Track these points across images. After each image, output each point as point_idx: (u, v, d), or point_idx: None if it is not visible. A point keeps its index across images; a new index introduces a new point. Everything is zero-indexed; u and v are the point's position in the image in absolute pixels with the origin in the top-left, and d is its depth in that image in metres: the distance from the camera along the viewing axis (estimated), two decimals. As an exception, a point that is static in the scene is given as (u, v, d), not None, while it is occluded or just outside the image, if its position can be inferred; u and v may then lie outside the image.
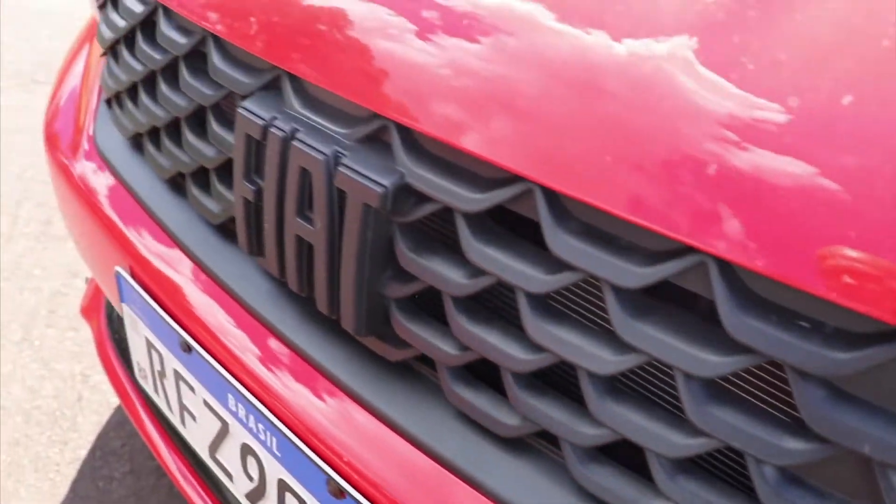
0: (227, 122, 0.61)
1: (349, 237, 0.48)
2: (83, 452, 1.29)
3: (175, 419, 0.72)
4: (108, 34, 0.77)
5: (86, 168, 0.80)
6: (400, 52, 0.46)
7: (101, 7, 0.79)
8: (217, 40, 0.59)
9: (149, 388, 0.76)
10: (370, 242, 0.47)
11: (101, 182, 0.78)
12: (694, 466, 0.41)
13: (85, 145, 0.84)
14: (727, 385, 0.41)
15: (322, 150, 0.48)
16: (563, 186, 0.40)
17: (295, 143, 0.49)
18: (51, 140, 0.89)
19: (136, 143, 0.78)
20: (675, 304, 0.42)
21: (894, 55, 0.34)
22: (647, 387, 0.44)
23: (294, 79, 0.52)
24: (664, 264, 0.38)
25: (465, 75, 0.43)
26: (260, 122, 0.51)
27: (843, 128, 0.33)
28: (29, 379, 1.41)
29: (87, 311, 1.14)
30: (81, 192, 0.80)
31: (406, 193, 0.45)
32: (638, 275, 0.39)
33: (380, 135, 0.47)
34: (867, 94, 0.33)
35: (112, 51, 0.78)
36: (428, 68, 0.45)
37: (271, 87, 0.54)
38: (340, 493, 0.52)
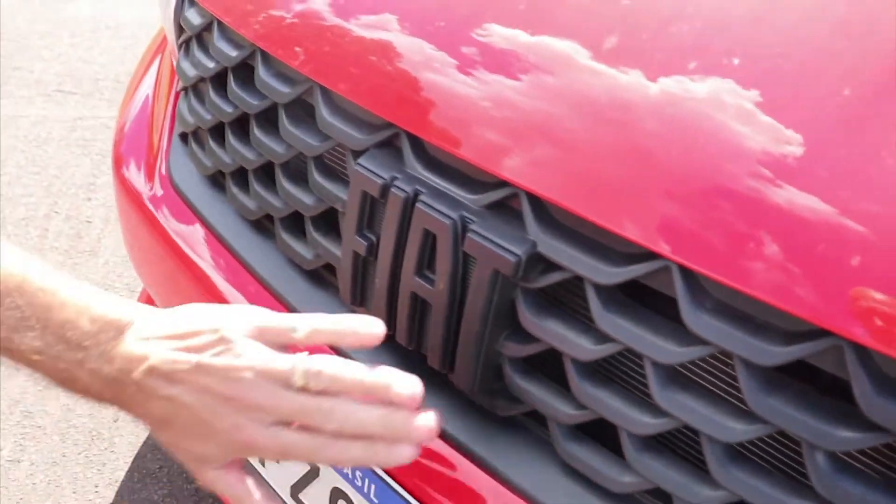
0: (329, 172, 0.63)
1: (474, 299, 0.50)
2: (121, 474, 1.30)
3: (255, 461, 0.74)
4: (193, 72, 0.79)
5: (161, 200, 0.82)
6: (528, 119, 0.49)
7: (185, 44, 0.81)
8: (325, 91, 0.61)
9: None
10: (494, 305, 0.49)
11: (177, 215, 0.80)
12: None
13: (159, 175, 0.86)
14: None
15: (449, 215, 0.50)
16: (702, 267, 0.42)
17: (419, 205, 0.51)
18: (119, 163, 0.90)
19: (216, 181, 0.80)
20: (801, 377, 0.44)
21: None
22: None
23: (413, 138, 0.54)
24: (799, 346, 0.40)
25: (602, 150, 0.45)
26: (379, 181, 0.53)
27: None
28: (63, 397, 1.42)
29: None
30: (156, 225, 0.82)
31: (536, 261, 0.48)
32: (773, 353, 0.41)
33: (508, 202, 0.49)
34: None
35: (194, 88, 0.80)
36: (559, 138, 0.47)
37: (387, 145, 0.56)
38: (447, 544, 0.54)
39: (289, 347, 0.47)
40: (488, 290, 0.49)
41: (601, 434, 0.50)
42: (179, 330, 0.47)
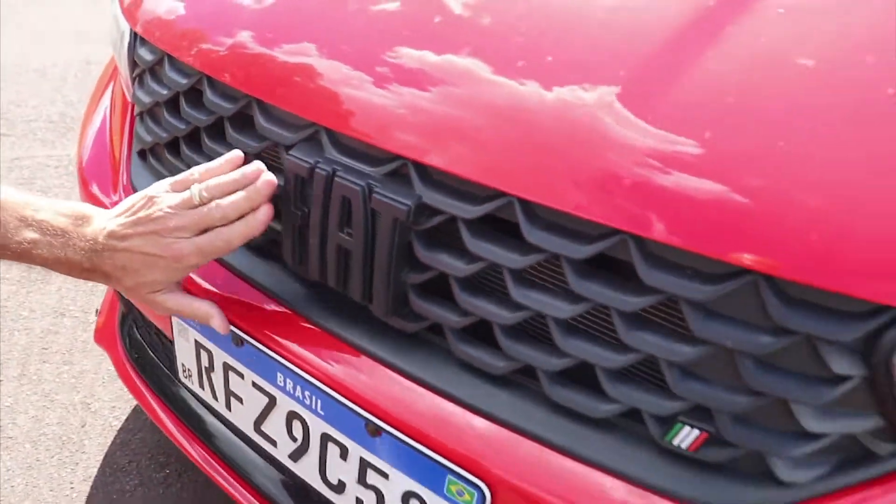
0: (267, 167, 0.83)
1: (381, 243, 0.70)
2: (94, 471, 1.45)
3: (220, 406, 0.92)
4: (148, 98, 0.98)
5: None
6: (412, 110, 0.70)
7: (139, 77, 1.00)
8: (261, 104, 0.81)
9: (193, 385, 0.96)
10: (396, 245, 0.70)
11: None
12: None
13: (122, 188, 1.04)
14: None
15: (359, 183, 0.70)
16: (538, 198, 0.63)
17: (336, 178, 0.72)
18: (85, 181, 1.08)
19: (173, 185, 0.98)
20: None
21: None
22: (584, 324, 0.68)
23: (329, 132, 0.75)
24: (601, 242, 0.62)
25: (458, 127, 0.67)
26: (307, 164, 0.73)
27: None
28: (32, 410, 1.56)
29: (101, 339, 1.32)
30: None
31: (422, 209, 0.68)
32: (582, 251, 0.62)
33: (400, 170, 0.70)
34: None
35: (149, 112, 0.99)
36: (437, 121, 0.68)
37: (310, 139, 0.77)
38: (377, 431, 0.74)
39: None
40: (391, 234, 0.69)
41: (484, 335, 0.71)
42: (123, 207, 0.75)
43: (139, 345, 1.20)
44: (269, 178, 0.75)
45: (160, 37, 0.94)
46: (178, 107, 0.92)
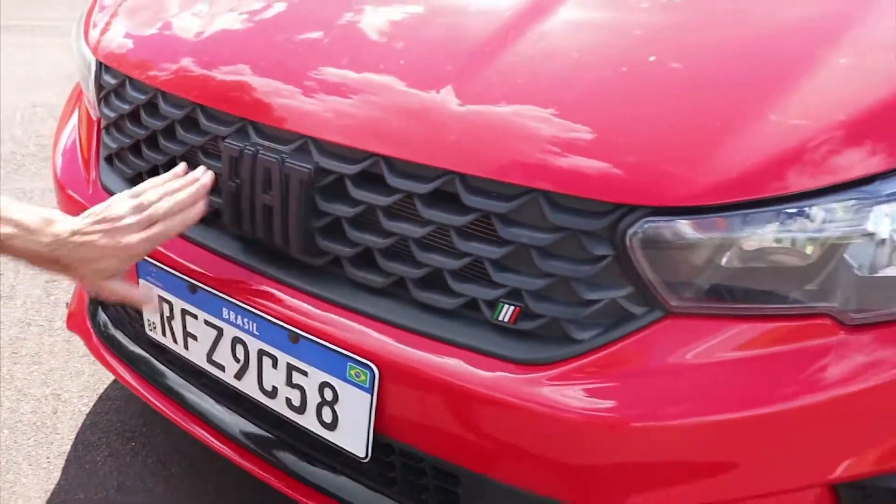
0: (210, 156, 1.13)
1: (293, 199, 1.00)
2: (67, 447, 1.70)
3: (179, 347, 1.20)
4: (114, 114, 1.27)
5: (98, 195, 1.28)
6: (306, 102, 1.00)
7: (105, 97, 1.29)
8: (203, 108, 1.11)
9: (157, 335, 1.23)
10: (304, 199, 1.00)
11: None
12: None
13: (92, 187, 1.32)
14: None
15: (275, 157, 1.00)
16: (396, 155, 0.94)
17: (260, 155, 1.02)
18: (63, 186, 1.36)
19: (134, 181, 1.27)
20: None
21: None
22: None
23: (254, 123, 1.05)
24: (437, 181, 0.93)
25: (339, 110, 0.98)
26: (239, 147, 1.04)
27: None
28: (7, 403, 1.80)
29: (74, 325, 1.58)
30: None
31: (320, 170, 0.99)
32: (425, 188, 0.93)
33: (305, 146, 1.01)
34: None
35: (115, 124, 1.28)
36: (323, 108, 0.99)
37: (239, 131, 1.07)
38: (297, 339, 1.03)
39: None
40: (299, 191, 1.00)
41: (369, 261, 1.01)
42: (87, 212, 1.00)
43: (106, 322, 1.47)
44: (205, 181, 1.06)
45: (122, 64, 1.24)
46: (139, 117, 1.22)
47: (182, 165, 1.08)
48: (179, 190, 1.04)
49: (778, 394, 0.88)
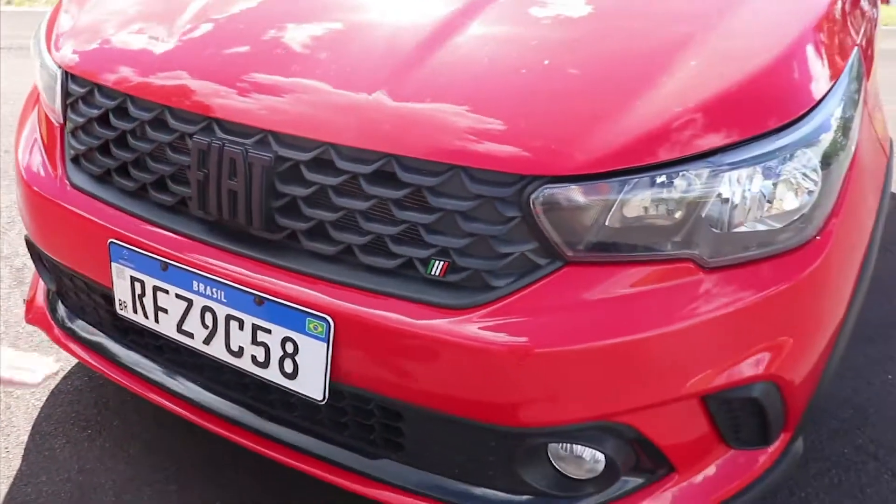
0: (176, 151, 1.33)
1: (255, 183, 1.22)
2: (24, 438, 1.84)
3: (150, 322, 1.39)
4: (82, 118, 1.45)
5: (70, 196, 1.46)
6: (262, 103, 1.23)
7: (72, 104, 1.47)
8: (171, 109, 1.32)
9: (127, 312, 1.42)
10: (265, 183, 1.22)
11: (83, 201, 1.45)
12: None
13: (60, 182, 1.50)
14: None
15: (238, 149, 1.22)
16: (343, 142, 1.17)
17: (226, 148, 1.23)
18: (28, 184, 1.53)
19: (103, 178, 1.46)
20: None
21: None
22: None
23: (218, 120, 1.26)
24: (378, 163, 1.16)
25: (299, 109, 1.20)
26: (205, 140, 1.25)
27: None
28: (-38, 402, 1.92)
29: (34, 319, 1.74)
30: (69, 210, 1.45)
31: (278, 158, 1.21)
32: (368, 169, 1.17)
33: (265, 139, 1.23)
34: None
35: (82, 127, 1.47)
36: (276, 106, 1.22)
37: (205, 128, 1.28)
38: (261, 301, 1.24)
39: None
40: (261, 176, 1.21)
41: (322, 233, 1.23)
42: None
43: (65, 313, 1.64)
44: None
45: (89, 74, 1.43)
46: (108, 121, 1.41)
47: None
48: None
49: (652, 322, 1.15)
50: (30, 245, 1.69)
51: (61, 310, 1.71)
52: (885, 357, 2.55)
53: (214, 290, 1.29)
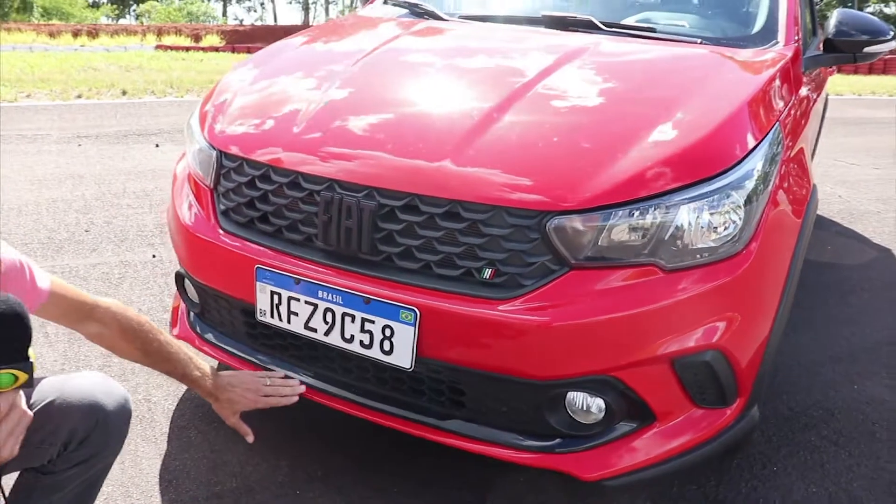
0: (307, 203, 2.10)
1: (365, 222, 1.98)
2: (166, 429, 2.56)
3: (283, 323, 2.13)
4: (230, 184, 2.23)
5: (224, 237, 2.23)
6: (371, 167, 2.00)
7: (224, 174, 2.25)
8: (304, 175, 2.09)
9: (265, 318, 2.16)
10: (370, 222, 1.98)
11: (232, 242, 2.21)
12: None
13: (214, 229, 2.26)
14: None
15: (354, 200, 1.99)
16: (430, 193, 1.93)
17: (344, 199, 2.00)
18: (190, 230, 2.30)
19: (246, 224, 2.22)
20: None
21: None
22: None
23: (338, 181, 2.03)
24: (452, 204, 1.92)
25: (394, 173, 1.97)
26: (329, 196, 2.02)
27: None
28: (112, 405, 2.66)
29: (181, 336, 2.50)
30: (224, 246, 2.21)
31: (381, 206, 1.97)
32: (441, 210, 1.93)
33: (370, 194, 1.99)
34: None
35: (232, 190, 2.24)
36: (379, 171, 1.99)
37: (329, 188, 2.05)
38: (369, 301, 1.98)
39: None
40: (368, 218, 1.97)
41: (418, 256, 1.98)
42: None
43: (207, 326, 2.40)
44: (300, 389, 2.22)
45: (239, 152, 2.21)
46: (254, 184, 2.18)
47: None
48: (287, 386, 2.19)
49: (629, 305, 1.88)
50: (178, 278, 2.46)
51: (201, 325, 2.46)
52: (853, 372, 3.24)
53: (334, 295, 2.03)
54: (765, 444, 2.65)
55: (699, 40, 2.77)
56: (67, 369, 2.85)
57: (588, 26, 2.82)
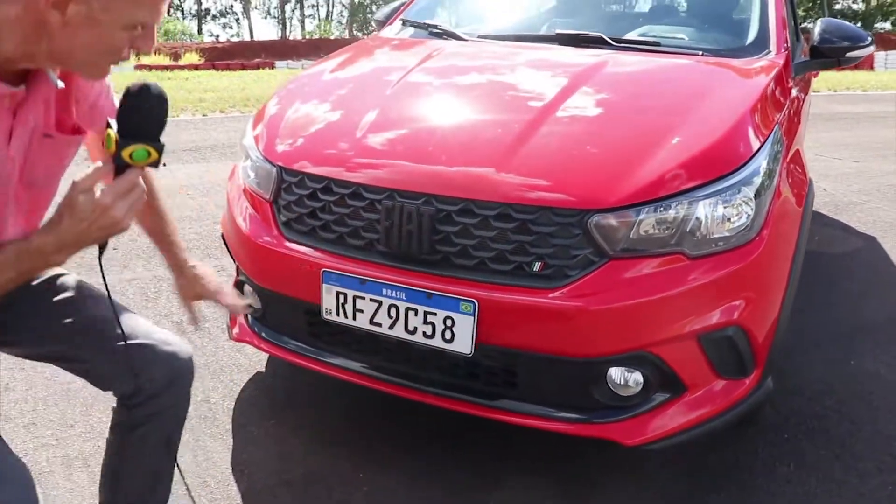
0: (369, 210, 2.44)
1: (424, 226, 2.32)
2: (229, 426, 2.88)
3: (349, 320, 2.47)
4: (291, 197, 2.56)
5: (283, 243, 2.56)
6: (423, 176, 2.35)
7: (285, 188, 2.59)
8: (363, 185, 2.43)
9: (331, 316, 2.49)
10: (428, 225, 2.32)
11: (297, 249, 2.54)
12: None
13: (278, 239, 2.59)
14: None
15: (413, 206, 2.33)
16: (483, 197, 2.28)
17: (404, 207, 2.34)
18: (254, 239, 2.63)
19: (308, 233, 2.55)
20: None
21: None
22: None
23: (397, 191, 2.38)
24: (503, 206, 2.27)
25: (450, 181, 2.32)
26: (390, 204, 2.36)
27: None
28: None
29: (240, 338, 2.83)
30: (287, 255, 2.54)
31: (438, 211, 2.32)
32: (492, 212, 2.28)
33: (427, 200, 2.34)
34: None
35: (294, 202, 2.57)
36: (431, 180, 2.33)
37: (389, 196, 2.39)
38: (431, 295, 2.33)
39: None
40: (429, 222, 2.32)
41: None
42: None
43: (271, 329, 2.73)
44: None
45: (301, 168, 2.55)
46: (316, 196, 2.52)
47: None
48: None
49: (659, 289, 2.24)
50: (238, 285, 2.79)
51: (259, 326, 2.78)
52: (851, 351, 3.65)
53: (398, 292, 2.37)
54: (775, 416, 3.03)
55: (700, 52, 3.16)
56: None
57: (598, 42, 3.20)
